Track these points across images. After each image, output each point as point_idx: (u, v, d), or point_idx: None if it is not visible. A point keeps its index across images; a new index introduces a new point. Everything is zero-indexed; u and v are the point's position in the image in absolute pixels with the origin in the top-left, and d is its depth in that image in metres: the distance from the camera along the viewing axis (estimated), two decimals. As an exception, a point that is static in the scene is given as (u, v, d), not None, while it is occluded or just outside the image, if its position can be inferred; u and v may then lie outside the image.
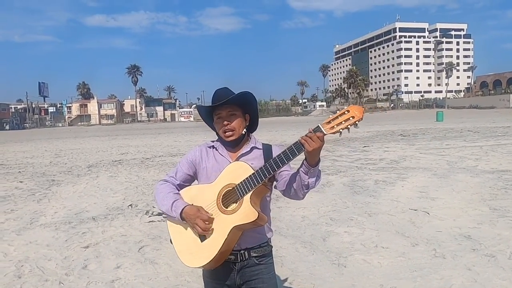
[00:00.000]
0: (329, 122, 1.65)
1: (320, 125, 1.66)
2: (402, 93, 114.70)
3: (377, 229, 4.96)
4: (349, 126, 1.62)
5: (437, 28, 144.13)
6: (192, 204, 1.84)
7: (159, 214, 5.92)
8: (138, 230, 5.20)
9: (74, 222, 5.66)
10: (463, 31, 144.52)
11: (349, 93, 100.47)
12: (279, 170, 1.75)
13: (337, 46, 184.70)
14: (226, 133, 1.87)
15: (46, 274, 3.86)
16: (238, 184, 1.75)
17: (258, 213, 1.71)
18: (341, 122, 1.63)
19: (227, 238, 1.73)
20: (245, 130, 1.93)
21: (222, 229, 1.74)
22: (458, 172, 8.50)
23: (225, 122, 1.87)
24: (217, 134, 1.98)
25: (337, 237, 4.76)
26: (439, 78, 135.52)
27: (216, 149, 1.95)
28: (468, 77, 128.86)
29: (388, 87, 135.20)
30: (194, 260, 1.82)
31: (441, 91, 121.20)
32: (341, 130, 1.63)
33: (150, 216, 5.83)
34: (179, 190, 1.95)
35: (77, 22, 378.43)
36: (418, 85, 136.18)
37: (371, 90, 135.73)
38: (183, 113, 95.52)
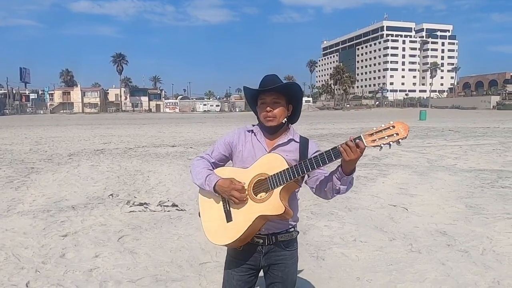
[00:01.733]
0: (372, 134, 1.64)
1: (362, 136, 1.65)
2: (387, 91, 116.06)
3: (357, 224, 5.05)
4: (391, 143, 1.60)
5: (423, 28, 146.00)
6: (228, 178, 1.87)
7: (140, 205, 5.89)
8: (118, 220, 5.16)
9: (53, 211, 5.57)
10: (449, 32, 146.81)
11: (335, 90, 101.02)
12: (313, 172, 1.79)
13: (325, 42, 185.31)
14: (267, 119, 1.90)
15: (22, 262, 3.80)
16: (271, 176, 1.78)
17: (285, 208, 1.75)
18: (384, 137, 1.61)
19: (252, 224, 1.78)
20: (285, 119, 1.95)
21: (248, 215, 1.79)
22: (438, 170, 8.69)
23: (268, 108, 1.89)
24: (258, 118, 2.00)
25: (317, 230, 4.82)
26: (423, 77, 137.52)
27: (255, 134, 1.98)
28: (452, 77, 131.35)
29: (374, 84, 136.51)
30: (218, 238, 1.88)
31: (425, 91, 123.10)
32: (382, 145, 1.62)
33: (131, 206, 5.79)
34: (213, 168, 2.00)
35: (61, 7, 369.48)
36: (403, 83, 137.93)
37: (357, 87, 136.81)
38: (168, 104, 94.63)
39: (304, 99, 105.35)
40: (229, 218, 1.85)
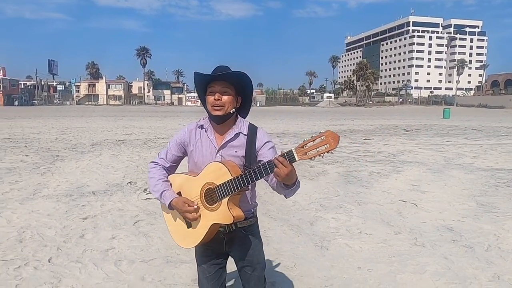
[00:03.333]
0: (303, 146, 1.64)
1: (293, 150, 1.66)
2: (412, 88, 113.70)
3: (364, 217, 5.15)
4: (322, 154, 1.61)
5: (451, 24, 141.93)
6: (179, 193, 1.99)
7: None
8: (135, 206, 5.44)
9: (74, 195, 5.91)
10: (478, 28, 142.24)
11: (357, 86, 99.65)
12: (251, 184, 1.82)
13: (348, 37, 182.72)
14: (215, 107, 1.92)
15: (46, 240, 4.11)
16: (218, 186, 1.85)
17: (233, 218, 1.85)
18: (315, 149, 1.61)
19: (208, 230, 1.92)
20: (233, 110, 1.97)
21: (204, 222, 1.93)
22: (453, 168, 8.62)
23: (216, 96, 1.90)
24: (205, 108, 2.01)
25: (324, 222, 4.95)
26: (450, 75, 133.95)
27: (206, 130, 2.02)
28: (480, 75, 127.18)
29: (398, 81, 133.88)
30: (184, 242, 2.04)
31: (451, 88, 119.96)
32: (313, 158, 1.62)
33: (147, 194, 6.06)
34: (168, 172, 2.10)
35: (88, 1, 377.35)
36: (428, 81, 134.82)
37: (381, 83, 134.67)
38: (190, 97, 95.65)
39: (326, 94, 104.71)
40: (189, 225, 1.99)
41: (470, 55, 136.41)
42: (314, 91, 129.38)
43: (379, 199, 6.05)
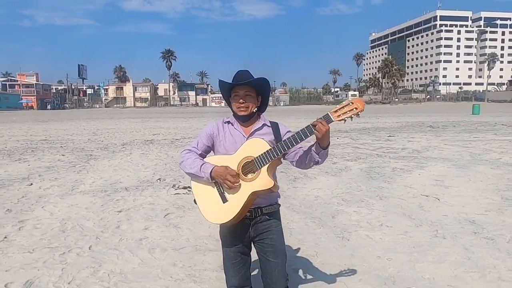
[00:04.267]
0: (336, 111, 1.94)
1: (329, 113, 1.95)
2: (440, 84, 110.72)
3: (385, 211, 5.26)
4: (352, 116, 1.91)
5: (481, 17, 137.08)
6: (222, 165, 2.17)
7: (184, 188, 6.46)
8: (165, 200, 5.76)
9: (109, 191, 6.31)
10: (510, 20, 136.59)
11: (383, 83, 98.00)
12: (292, 148, 2.07)
13: (373, 34, 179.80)
14: (241, 109, 2.19)
15: (85, 231, 4.47)
16: (257, 157, 2.06)
17: (274, 182, 2.05)
18: (346, 112, 1.92)
19: (246, 201, 2.07)
20: (255, 108, 2.25)
21: (242, 194, 2.07)
22: (479, 164, 8.54)
23: (241, 101, 2.18)
24: (231, 109, 2.28)
25: (345, 215, 5.10)
26: (480, 69, 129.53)
27: (232, 124, 2.27)
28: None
29: (425, 77, 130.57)
30: (217, 217, 2.14)
31: (482, 84, 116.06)
32: (345, 119, 1.91)
33: (176, 189, 6.39)
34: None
35: (114, 6, 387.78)
36: (457, 76, 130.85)
37: (407, 80, 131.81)
38: (214, 98, 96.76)
39: (350, 93, 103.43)
40: (224, 199, 2.11)
41: (502, 48, 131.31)
42: (338, 89, 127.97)
43: (401, 194, 6.12)
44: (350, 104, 1.92)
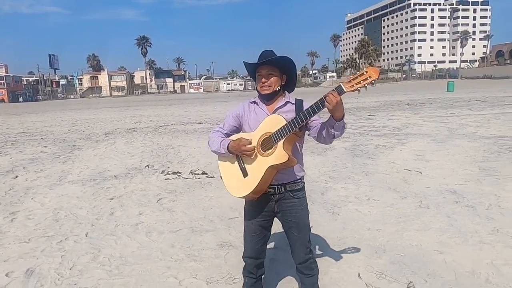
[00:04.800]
0: (350, 81, 1.93)
1: (341, 84, 1.94)
2: (415, 63, 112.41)
3: (372, 186, 5.46)
4: (366, 85, 1.90)
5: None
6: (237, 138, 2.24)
7: (174, 173, 6.51)
8: (156, 186, 5.80)
9: (98, 180, 6.29)
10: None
11: (360, 64, 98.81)
12: (306, 122, 2.08)
13: (349, 15, 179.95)
14: (263, 88, 2.24)
15: (79, 219, 4.48)
16: (274, 133, 2.12)
17: (289, 156, 2.08)
18: (360, 82, 1.90)
19: (264, 175, 2.15)
20: (279, 87, 2.27)
21: (260, 168, 2.16)
22: (457, 138, 8.88)
23: (263, 80, 2.23)
24: (256, 88, 2.34)
25: (334, 192, 5.28)
26: (453, 47, 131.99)
27: (257, 104, 2.34)
28: (484, 46, 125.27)
29: (401, 57, 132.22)
30: (238, 191, 2.26)
31: (455, 61, 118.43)
32: (359, 88, 1.90)
33: (166, 175, 6.42)
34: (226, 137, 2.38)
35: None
36: (431, 55, 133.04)
37: (383, 60, 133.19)
38: (192, 84, 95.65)
39: (328, 74, 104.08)
40: (245, 174, 2.23)
41: (474, 26, 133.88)
42: (316, 71, 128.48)
43: (385, 169, 6.35)
44: (364, 73, 1.90)
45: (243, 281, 2.59)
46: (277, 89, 2.28)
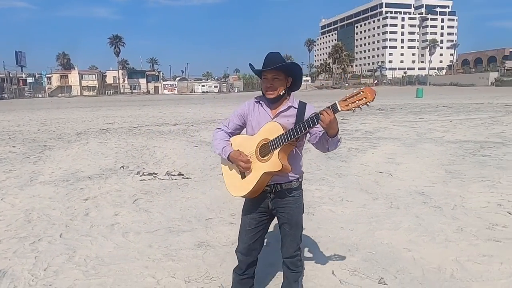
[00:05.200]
0: (345, 100, 1.94)
1: (336, 102, 1.97)
2: (386, 69, 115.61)
3: (345, 187, 5.64)
4: (361, 106, 1.91)
5: (422, 5, 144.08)
6: (238, 150, 2.35)
7: (150, 174, 6.47)
8: (131, 187, 5.75)
9: (71, 180, 6.17)
10: (448, 8, 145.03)
11: (333, 69, 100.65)
12: (301, 134, 2.13)
13: (323, 20, 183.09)
14: (268, 92, 2.29)
15: (53, 220, 4.40)
16: (271, 140, 2.21)
17: (282, 165, 2.17)
18: (355, 102, 1.91)
19: (259, 179, 2.25)
20: (284, 91, 2.30)
21: (256, 172, 2.27)
22: (425, 142, 9.26)
23: (269, 85, 2.27)
24: (261, 90, 2.38)
25: (309, 193, 5.40)
26: (422, 55, 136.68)
27: (261, 104, 2.39)
28: (451, 54, 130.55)
29: (373, 63, 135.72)
30: (236, 191, 2.38)
31: (424, 68, 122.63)
32: (354, 108, 1.92)
33: (141, 176, 6.38)
34: (230, 136, 2.46)
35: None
36: (402, 61, 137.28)
37: (356, 65, 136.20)
38: (166, 85, 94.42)
39: (303, 78, 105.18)
40: (243, 176, 2.34)
41: (442, 35, 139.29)
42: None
43: (358, 172, 6.56)
44: (361, 93, 1.91)
45: (232, 277, 2.62)
46: (281, 93, 2.32)
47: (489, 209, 4.61)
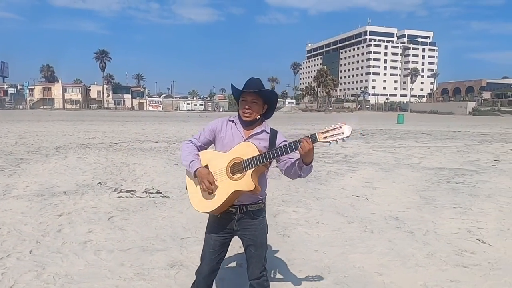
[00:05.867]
0: (324, 132, 2.11)
1: (316, 134, 2.13)
2: (369, 95, 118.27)
3: (321, 210, 5.71)
4: (337, 140, 2.09)
5: (405, 34, 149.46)
6: (206, 166, 2.37)
7: (127, 191, 6.42)
8: (108, 204, 5.69)
9: (46, 195, 6.06)
10: (429, 38, 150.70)
11: (318, 92, 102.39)
12: (278, 158, 2.25)
13: (309, 44, 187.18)
14: (245, 114, 2.36)
15: (24, 235, 4.30)
16: (245, 160, 2.25)
17: (255, 185, 2.23)
18: (333, 135, 2.09)
19: (228, 197, 2.28)
20: (259, 116, 2.41)
21: (226, 189, 2.28)
22: (402, 168, 9.47)
23: (247, 107, 2.35)
24: (238, 111, 2.45)
25: (286, 214, 5.46)
26: (404, 82, 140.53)
27: (235, 124, 2.44)
28: (431, 83, 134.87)
29: (356, 88, 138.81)
30: (201, 206, 2.36)
31: (405, 95, 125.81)
32: (330, 141, 2.10)
33: (118, 193, 6.31)
34: (199, 150, 2.46)
35: (42, 1, 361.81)
36: (384, 88, 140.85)
37: (340, 90, 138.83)
38: (151, 102, 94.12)
39: (288, 100, 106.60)
40: (210, 191, 2.31)
41: (423, 64, 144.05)
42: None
43: (335, 195, 6.65)
44: (338, 128, 2.09)
45: None
46: (257, 118, 2.41)
47: (459, 235, 4.73)
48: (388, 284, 3.40)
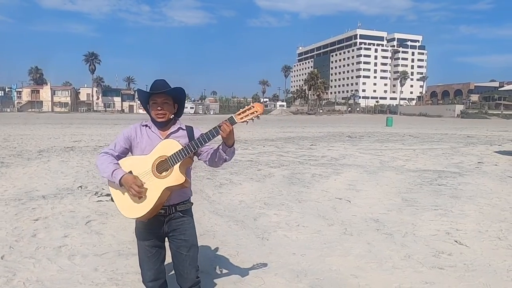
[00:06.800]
0: (240, 114, 2.22)
1: (233, 116, 2.22)
2: (360, 97, 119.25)
3: (303, 213, 5.70)
4: (253, 118, 2.20)
5: (394, 38, 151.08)
6: (130, 172, 2.33)
7: (108, 195, 6.34)
8: (86, 208, 5.61)
9: (24, 199, 5.96)
10: (419, 42, 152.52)
11: (309, 95, 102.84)
12: (201, 147, 2.34)
13: (300, 48, 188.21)
14: (158, 116, 2.38)
15: (-3, 241, 4.22)
16: (170, 156, 2.27)
17: (185, 177, 2.28)
18: (248, 115, 2.20)
19: (160, 195, 2.27)
20: (172, 115, 2.47)
21: (156, 189, 2.26)
22: (387, 170, 9.52)
23: (159, 108, 2.37)
24: (150, 115, 2.46)
25: (266, 217, 5.44)
26: (394, 85, 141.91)
27: (149, 128, 2.45)
28: (420, 86, 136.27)
29: (347, 91, 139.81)
30: (133, 212, 2.31)
31: (395, 98, 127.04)
32: (247, 120, 2.19)
33: (98, 197, 6.24)
34: (117, 160, 2.39)
35: (31, 2, 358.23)
36: (374, 91, 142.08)
37: (331, 93, 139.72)
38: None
39: (279, 103, 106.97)
40: (139, 196, 2.27)
41: (412, 67, 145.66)
42: (267, 99, 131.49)
43: (318, 197, 6.66)
44: (251, 107, 2.22)
45: None
46: (171, 117, 2.47)
47: (437, 237, 4.76)
48: (363, 286, 3.40)
